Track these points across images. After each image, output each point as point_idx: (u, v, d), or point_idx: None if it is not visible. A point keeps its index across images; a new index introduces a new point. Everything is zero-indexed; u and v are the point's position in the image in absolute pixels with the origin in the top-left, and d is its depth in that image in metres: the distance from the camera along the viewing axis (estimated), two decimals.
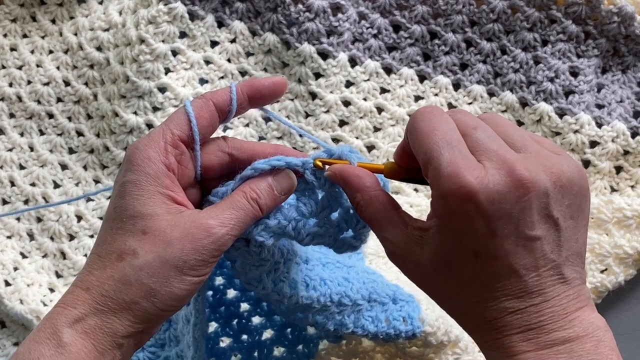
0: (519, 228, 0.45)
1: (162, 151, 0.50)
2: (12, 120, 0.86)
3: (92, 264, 0.49)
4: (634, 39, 0.79)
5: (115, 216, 0.50)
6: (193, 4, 0.82)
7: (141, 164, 0.50)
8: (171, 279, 0.48)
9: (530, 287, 0.45)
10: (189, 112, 0.52)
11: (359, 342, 0.70)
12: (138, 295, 0.48)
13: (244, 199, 0.51)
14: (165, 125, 0.51)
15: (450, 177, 0.44)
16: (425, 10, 0.81)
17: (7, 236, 0.84)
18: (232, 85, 0.53)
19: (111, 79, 0.83)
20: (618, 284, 0.74)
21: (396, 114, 0.82)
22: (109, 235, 0.50)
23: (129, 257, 0.48)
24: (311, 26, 0.80)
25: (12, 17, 0.88)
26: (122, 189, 0.50)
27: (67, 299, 0.49)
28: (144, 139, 0.51)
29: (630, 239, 0.74)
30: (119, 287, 0.48)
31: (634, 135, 0.79)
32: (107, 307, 0.48)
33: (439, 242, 0.46)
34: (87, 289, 0.48)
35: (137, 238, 0.48)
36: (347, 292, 0.61)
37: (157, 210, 0.49)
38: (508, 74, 0.81)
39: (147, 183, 0.50)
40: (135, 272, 0.48)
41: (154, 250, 0.48)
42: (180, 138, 0.51)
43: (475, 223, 0.44)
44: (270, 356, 0.68)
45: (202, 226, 0.49)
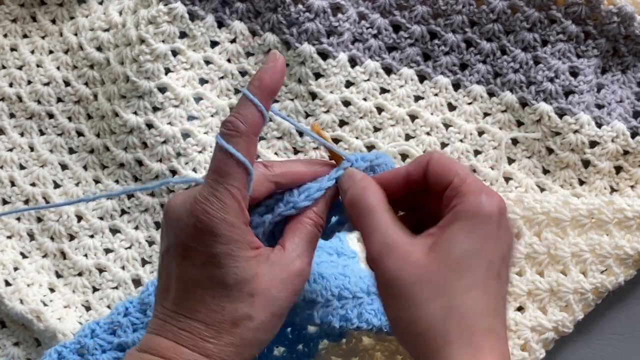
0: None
1: (240, 214, 0.50)
2: (12, 120, 0.86)
3: (202, 332, 0.50)
4: (633, 39, 0.79)
5: (215, 285, 0.50)
6: (193, 4, 0.82)
7: (228, 234, 0.50)
8: (277, 325, 0.53)
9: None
10: (244, 162, 0.50)
11: (359, 341, 0.70)
12: (255, 350, 0.52)
13: (314, 228, 0.53)
14: (227, 184, 0.50)
15: (487, 189, 0.50)
16: (425, 10, 0.81)
17: (7, 236, 0.84)
18: (252, 99, 0.51)
19: (111, 79, 0.83)
20: (618, 284, 0.74)
21: (396, 114, 0.82)
22: (213, 305, 0.50)
23: (244, 322, 0.50)
24: (311, 26, 0.80)
25: (12, 17, 0.88)
26: (214, 260, 0.50)
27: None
28: (216, 206, 0.50)
29: (631, 239, 0.74)
30: (239, 351, 0.51)
31: (634, 135, 0.79)
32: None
33: (456, 245, 0.49)
34: (207, 355, 0.50)
35: (247, 303, 0.50)
36: (346, 284, 0.62)
37: (255, 270, 0.50)
38: (508, 74, 0.81)
39: (238, 249, 0.50)
40: (254, 334, 0.51)
41: (266, 310, 0.51)
42: (245, 188, 0.51)
43: (500, 233, 0.50)
44: (270, 355, 0.68)
45: (296, 272, 0.52)
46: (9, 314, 0.80)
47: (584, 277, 0.74)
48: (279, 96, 0.83)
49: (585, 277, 0.74)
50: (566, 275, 0.74)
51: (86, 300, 0.81)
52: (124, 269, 0.81)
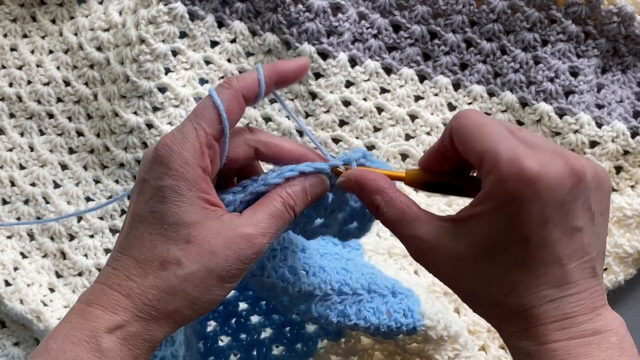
0: (567, 217, 0.45)
1: (199, 154, 0.49)
2: (12, 120, 0.86)
3: (129, 268, 0.49)
4: (634, 39, 0.79)
5: (154, 221, 0.49)
6: (193, 4, 0.83)
7: (179, 169, 0.49)
8: (213, 287, 0.49)
9: (569, 277, 0.46)
10: (219, 106, 0.50)
11: (357, 340, 0.70)
12: (181, 305, 0.49)
13: (282, 206, 0.51)
14: (196, 124, 0.50)
15: (511, 161, 0.44)
16: (425, 10, 0.81)
17: (7, 236, 0.84)
18: (259, 70, 0.52)
19: (111, 79, 0.83)
20: (618, 283, 0.74)
21: (396, 114, 0.82)
22: (147, 241, 0.49)
23: (173, 266, 0.48)
24: (311, 26, 0.80)
25: (12, 17, 0.88)
26: (160, 194, 0.49)
27: (105, 302, 0.48)
28: (177, 139, 0.49)
29: (630, 238, 0.74)
30: (163, 297, 0.48)
31: (634, 135, 0.79)
32: (149, 316, 0.48)
33: (485, 229, 0.46)
34: (127, 295, 0.48)
35: (181, 247, 0.48)
36: (347, 280, 0.61)
37: (199, 218, 0.49)
38: (508, 74, 0.81)
39: (186, 189, 0.49)
40: (180, 282, 0.48)
41: (199, 261, 0.48)
42: (214, 136, 0.50)
43: (532, 208, 0.45)
44: (269, 355, 0.68)
45: (245, 236, 0.49)
46: (9, 314, 0.80)
47: None
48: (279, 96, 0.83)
49: None
50: None
51: None
52: None
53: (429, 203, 0.79)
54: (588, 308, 0.46)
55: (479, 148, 0.46)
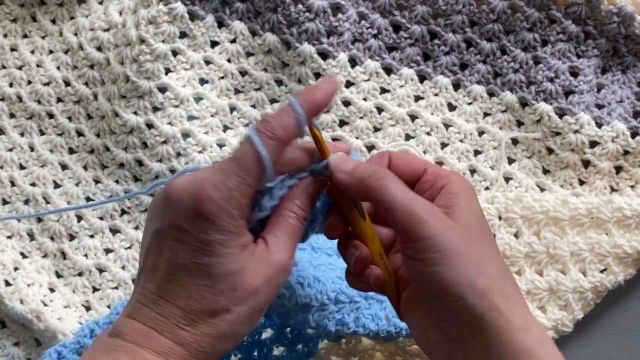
0: None
1: (243, 210, 0.49)
2: (12, 120, 0.86)
3: (178, 317, 0.49)
4: (634, 39, 0.79)
5: (200, 273, 0.49)
6: (193, 4, 0.82)
7: (226, 225, 0.48)
8: (255, 320, 0.52)
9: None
10: (264, 162, 0.48)
11: (358, 341, 0.70)
12: (230, 344, 0.51)
13: (297, 221, 0.52)
14: (242, 179, 0.48)
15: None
16: (425, 10, 0.81)
17: (7, 236, 0.84)
18: (298, 111, 0.49)
19: (111, 79, 0.83)
20: (617, 283, 0.74)
21: (396, 114, 0.82)
22: (194, 293, 0.49)
23: (222, 314, 0.49)
24: (311, 26, 0.80)
25: (12, 17, 0.88)
26: (207, 247, 0.48)
27: (157, 347, 0.49)
28: (223, 195, 0.48)
29: (630, 238, 0.74)
30: (215, 342, 0.50)
31: (634, 135, 0.79)
32: (202, 359, 0.50)
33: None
34: (180, 343, 0.49)
35: (229, 296, 0.49)
36: (343, 289, 0.61)
37: (242, 265, 0.49)
38: (508, 74, 0.81)
39: (233, 242, 0.49)
40: (231, 327, 0.50)
41: (246, 304, 0.50)
42: (256, 189, 0.50)
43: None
44: (270, 355, 0.68)
45: (279, 267, 0.50)
46: (9, 314, 0.80)
47: (583, 276, 0.74)
48: (279, 96, 0.83)
49: (584, 276, 0.74)
50: (565, 275, 0.74)
51: (86, 300, 0.81)
52: (124, 269, 0.81)
53: None
54: None
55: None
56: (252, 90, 0.83)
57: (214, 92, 0.83)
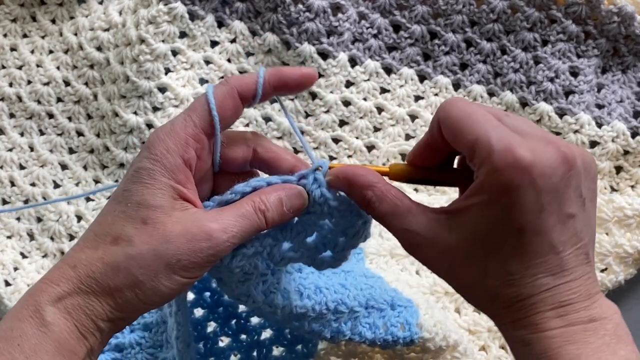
0: (560, 204, 0.45)
1: (183, 144, 0.49)
2: (12, 120, 0.86)
3: (87, 241, 0.49)
4: (634, 39, 0.79)
5: (122, 199, 0.49)
6: (193, 4, 0.82)
7: (159, 155, 0.49)
8: (160, 275, 0.48)
9: (564, 265, 0.46)
10: (210, 102, 0.50)
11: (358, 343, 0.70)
12: (123, 284, 0.47)
13: (252, 209, 0.50)
14: (187, 115, 0.50)
15: (504, 151, 0.44)
16: (425, 10, 0.81)
17: (7, 236, 0.84)
18: (261, 72, 0.51)
19: (111, 79, 0.83)
20: (618, 283, 0.74)
21: (396, 114, 0.82)
22: (110, 216, 0.49)
23: (123, 243, 0.48)
24: (311, 26, 0.80)
25: (12, 17, 0.88)
26: (135, 174, 0.49)
27: (52, 275, 0.48)
28: (166, 128, 0.50)
29: (631, 238, 0.74)
30: (106, 271, 0.47)
31: (634, 135, 0.79)
32: (90, 289, 0.47)
33: (479, 220, 0.46)
34: (74, 266, 0.48)
35: (136, 226, 0.48)
36: (344, 299, 0.60)
37: (163, 203, 0.48)
38: (508, 74, 0.81)
39: (160, 174, 0.49)
40: (126, 260, 0.47)
41: (150, 242, 0.48)
42: (203, 130, 0.50)
43: (527, 196, 0.44)
44: (269, 356, 0.68)
45: (204, 228, 0.48)
46: None
47: None
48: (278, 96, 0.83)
49: None
50: None
51: None
52: None
53: (431, 201, 0.79)
54: (584, 295, 0.46)
55: (469, 138, 0.46)
56: None
57: None
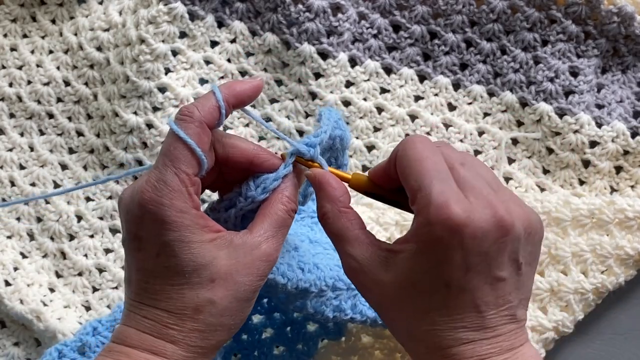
0: (490, 267, 0.46)
1: (189, 198, 0.49)
2: (12, 120, 0.86)
3: (164, 319, 0.50)
4: (634, 39, 0.79)
5: (171, 274, 0.49)
6: (193, 4, 0.82)
7: (178, 220, 0.49)
8: (244, 309, 0.51)
9: (486, 323, 0.47)
10: (191, 145, 0.49)
11: (358, 339, 0.71)
12: (223, 336, 0.51)
13: (286, 214, 0.52)
14: (175, 168, 0.49)
15: (440, 207, 0.45)
16: (425, 10, 0.81)
17: (7, 236, 0.84)
18: (217, 94, 0.51)
19: (111, 79, 0.83)
20: (619, 284, 0.74)
21: (396, 114, 0.82)
22: (173, 293, 0.49)
23: (206, 307, 0.49)
24: (311, 26, 0.80)
25: (12, 17, 0.88)
26: (168, 249, 0.49)
27: (152, 347, 0.50)
28: (163, 191, 0.49)
29: (632, 240, 0.74)
30: (205, 336, 0.50)
31: (634, 135, 0.79)
32: (196, 354, 0.50)
33: (410, 266, 0.47)
34: (172, 341, 0.50)
35: (208, 288, 0.49)
36: (340, 276, 0.62)
37: (213, 255, 0.49)
38: (508, 74, 0.81)
39: (191, 235, 0.49)
40: (218, 319, 0.50)
41: (228, 294, 0.50)
42: (194, 174, 0.50)
43: (455, 255, 0.46)
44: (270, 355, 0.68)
45: (262, 257, 0.51)
46: (9, 314, 0.80)
47: (585, 277, 0.74)
48: (279, 96, 0.83)
49: (585, 277, 0.74)
50: (567, 275, 0.74)
51: (86, 300, 0.81)
52: (124, 269, 0.81)
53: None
54: (505, 349, 0.47)
55: (414, 184, 0.47)
56: None
57: None
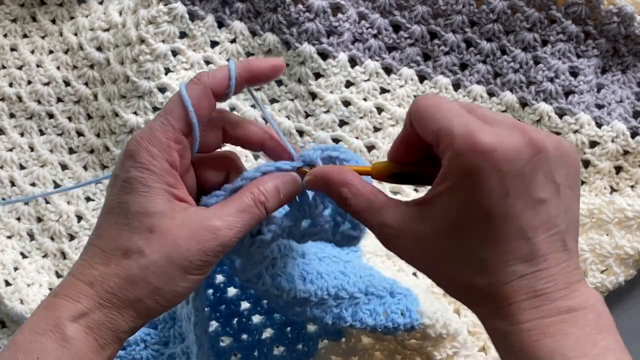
0: (528, 188, 0.45)
1: (166, 148, 0.50)
2: (12, 120, 0.86)
3: (95, 257, 0.50)
4: (633, 39, 0.79)
5: (120, 211, 0.50)
6: (193, 4, 0.82)
7: (146, 162, 0.50)
8: (176, 278, 0.49)
9: (538, 251, 0.45)
10: (187, 104, 0.50)
11: (358, 340, 0.70)
12: (143, 294, 0.49)
13: (252, 202, 0.51)
14: (165, 119, 0.51)
15: (465, 136, 0.44)
16: (425, 10, 0.81)
17: (7, 236, 0.84)
18: (231, 65, 0.52)
19: (111, 79, 0.83)
20: (618, 284, 0.74)
21: (396, 114, 0.82)
22: (112, 230, 0.50)
23: (135, 255, 0.49)
24: (311, 26, 0.80)
25: (12, 17, 0.88)
26: (127, 185, 0.50)
27: (69, 291, 0.49)
28: (145, 134, 0.50)
29: (631, 239, 0.74)
30: (124, 285, 0.48)
31: (634, 135, 0.79)
32: (111, 304, 0.49)
33: (447, 208, 0.46)
34: (90, 283, 0.49)
35: (144, 236, 0.49)
36: (344, 285, 0.61)
37: (164, 209, 0.49)
38: (508, 74, 0.81)
39: (152, 181, 0.50)
40: (142, 271, 0.48)
41: (161, 250, 0.49)
42: (182, 131, 0.51)
43: (490, 181, 0.44)
44: (270, 355, 0.68)
45: (210, 228, 0.49)
46: (9, 314, 0.80)
47: (584, 276, 0.74)
48: (279, 96, 0.83)
49: (585, 276, 0.74)
50: None
51: None
52: None
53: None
54: (561, 284, 0.45)
55: (434, 127, 0.46)
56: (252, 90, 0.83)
57: None
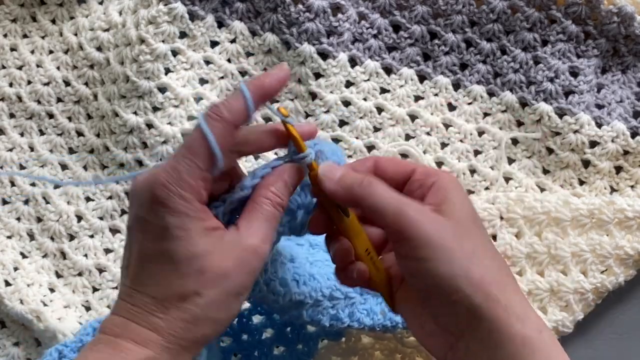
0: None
1: (196, 192, 0.50)
2: (12, 120, 0.86)
3: (150, 305, 0.50)
4: (634, 39, 0.79)
5: (164, 260, 0.50)
6: (193, 4, 0.82)
7: (181, 208, 0.50)
8: (232, 304, 0.52)
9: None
10: (213, 147, 0.49)
11: (358, 340, 0.71)
12: (207, 329, 0.51)
13: (272, 207, 0.52)
14: (191, 162, 0.50)
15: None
16: (425, 10, 0.81)
17: (7, 236, 0.84)
18: (245, 93, 0.51)
19: (111, 79, 0.83)
20: (618, 284, 0.74)
21: (396, 114, 0.82)
22: (160, 278, 0.50)
23: (192, 297, 0.50)
24: (311, 26, 0.80)
25: (12, 17, 0.88)
26: (166, 233, 0.50)
27: (134, 336, 0.50)
28: (172, 179, 0.50)
29: (631, 239, 0.74)
30: (188, 327, 0.50)
31: (634, 135, 0.79)
32: (178, 346, 0.50)
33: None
34: (155, 329, 0.50)
35: (196, 279, 0.50)
36: (338, 285, 0.61)
37: (206, 247, 0.50)
38: (508, 74, 0.81)
39: (189, 223, 0.50)
40: (203, 310, 0.50)
41: (216, 287, 0.50)
42: (208, 170, 0.50)
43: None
44: (270, 355, 0.68)
45: (249, 249, 0.51)
46: (9, 314, 0.80)
47: (584, 277, 0.74)
48: (279, 96, 0.83)
49: (585, 277, 0.74)
50: (566, 275, 0.74)
51: (86, 300, 0.81)
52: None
53: None
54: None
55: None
56: None
57: (214, 92, 0.83)
